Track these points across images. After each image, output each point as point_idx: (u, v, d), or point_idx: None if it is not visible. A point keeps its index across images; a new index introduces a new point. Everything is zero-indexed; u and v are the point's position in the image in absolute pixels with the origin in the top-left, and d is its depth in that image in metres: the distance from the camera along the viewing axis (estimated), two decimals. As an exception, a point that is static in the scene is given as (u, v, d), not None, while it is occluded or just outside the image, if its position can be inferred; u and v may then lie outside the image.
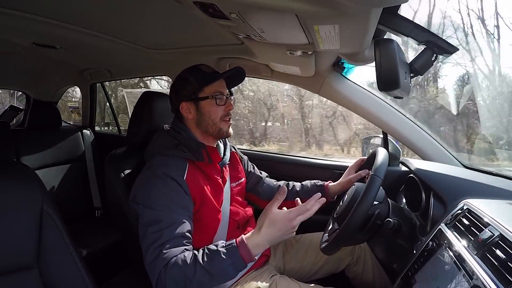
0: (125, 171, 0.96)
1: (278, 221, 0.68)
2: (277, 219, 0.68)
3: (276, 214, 0.69)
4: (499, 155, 1.73)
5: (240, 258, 0.65)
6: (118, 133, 2.31)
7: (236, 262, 0.65)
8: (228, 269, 0.65)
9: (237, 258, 0.65)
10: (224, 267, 0.65)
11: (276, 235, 0.68)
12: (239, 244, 0.67)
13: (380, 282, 0.99)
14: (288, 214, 0.68)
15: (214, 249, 0.67)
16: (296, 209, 0.69)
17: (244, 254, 0.66)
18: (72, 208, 1.70)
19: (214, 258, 0.66)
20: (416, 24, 0.65)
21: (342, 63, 1.11)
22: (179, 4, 0.71)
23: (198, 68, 0.88)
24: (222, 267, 0.65)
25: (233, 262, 0.65)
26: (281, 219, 0.68)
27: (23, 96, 2.22)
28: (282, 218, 0.68)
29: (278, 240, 0.69)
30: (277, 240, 0.69)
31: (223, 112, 0.86)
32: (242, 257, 0.65)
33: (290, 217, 0.68)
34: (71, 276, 0.71)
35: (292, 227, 0.68)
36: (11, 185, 0.68)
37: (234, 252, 0.66)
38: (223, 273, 0.65)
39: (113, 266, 1.32)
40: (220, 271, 0.65)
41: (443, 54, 0.69)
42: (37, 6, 0.80)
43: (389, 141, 1.17)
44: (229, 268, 0.65)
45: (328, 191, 1.05)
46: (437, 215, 0.79)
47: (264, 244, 0.68)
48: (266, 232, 0.68)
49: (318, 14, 0.56)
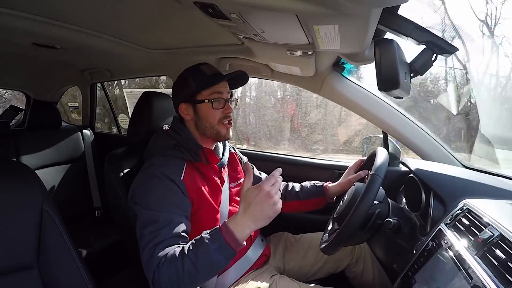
0: (125, 171, 0.96)
1: (252, 196, 0.65)
2: (250, 193, 0.65)
3: (249, 190, 0.66)
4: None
5: (224, 242, 0.63)
6: (118, 133, 2.31)
7: (221, 247, 0.63)
8: (214, 254, 0.63)
9: (222, 242, 0.63)
10: (210, 253, 0.63)
11: (257, 213, 0.64)
12: (221, 228, 0.65)
13: (380, 282, 0.99)
14: (259, 187, 0.65)
15: (199, 238, 0.66)
16: (264, 181, 0.66)
17: (227, 237, 0.63)
18: (72, 208, 1.70)
19: (199, 246, 0.64)
20: (416, 24, 0.65)
21: (342, 63, 1.11)
22: (179, 4, 0.71)
23: (198, 69, 0.87)
24: (207, 253, 0.63)
25: (217, 246, 0.63)
26: (255, 193, 0.65)
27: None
28: (254, 191, 0.65)
29: (262, 218, 0.65)
30: (261, 218, 0.65)
31: (221, 115, 0.85)
32: (226, 240, 0.63)
33: (262, 188, 0.64)
34: (71, 276, 0.71)
35: (269, 198, 0.64)
36: (11, 185, 0.68)
37: (218, 236, 0.64)
38: (211, 260, 0.63)
39: (113, 266, 1.32)
40: (206, 258, 0.63)
41: (443, 54, 0.69)
42: (37, 6, 0.80)
43: (389, 141, 1.17)
44: (215, 253, 0.63)
45: (328, 192, 1.05)
46: (437, 215, 0.79)
47: (248, 225, 0.64)
48: (245, 211, 0.65)
49: (318, 14, 0.56)
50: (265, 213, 0.65)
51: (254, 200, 0.65)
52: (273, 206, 0.64)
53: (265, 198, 0.64)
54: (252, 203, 0.65)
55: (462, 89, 2.92)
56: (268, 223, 0.66)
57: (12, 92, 4.50)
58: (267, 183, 0.65)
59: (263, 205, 0.64)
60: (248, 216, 0.65)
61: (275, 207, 0.65)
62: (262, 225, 0.66)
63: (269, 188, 0.65)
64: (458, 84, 2.93)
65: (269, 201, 0.64)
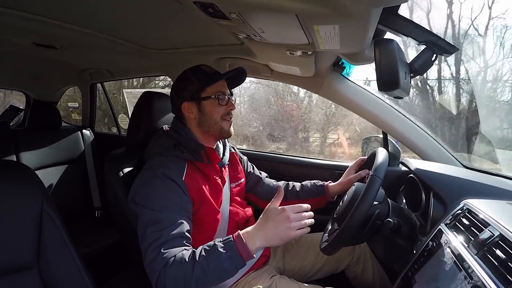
0: (125, 171, 0.96)
1: (272, 215, 0.69)
2: (272, 213, 0.70)
3: (271, 209, 0.71)
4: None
5: (237, 252, 0.65)
6: (118, 133, 2.31)
7: (233, 256, 0.65)
8: (225, 263, 0.64)
9: (234, 252, 0.65)
10: (221, 261, 0.64)
11: (271, 230, 0.68)
12: (235, 238, 0.67)
13: (380, 282, 0.99)
14: (282, 208, 0.69)
15: (212, 244, 0.68)
16: (291, 205, 0.70)
17: (240, 247, 0.65)
18: (72, 208, 1.70)
19: (211, 252, 0.66)
20: (416, 24, 0.65)
21: (342, 63, 1.11)
22: (179, 4, 0.71)
23: (199, 68, 0.88)
24: (219, 261, 0.64)
25: (230, 255, 0.65)
26: (275, 213, 0.69)
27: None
28: (276, 212, 0.69)
29: (274, 237, 0.68)
30: (274, 237, 0.68)
31: (224, 112, 0.87)
32: (238, 250, 0.65)
33: (285, 210, 0.68)
34: (71, 276, 0.71)
35: (288, 221, 0.67)
36: (11, 185, 0.68)
37: (231, 246, 0.66)
38: (221, 268, 0.65)
39: (113, 266, 1.32)
40: (217, 266, 0.64)
41: (443, 54, 0.69)
42: (37, 6, 0.80)
43: (389, 141, 1.17)
44: (226, 262, 0.64)
45: (328, 191, 1.05)
46: (437, 215, 0.79)
47: (260, 238, 0.67)
48: (261, 226, 0.69)
49: (318, 14, 0.56)
50: (278, 234, 0.68)
51: (273, 218, 0.68)
52: (287, 230, 0.67)
53: (284, 220, 0.68)
54: (270, 220, 0.69)
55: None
56: (278, 244, 0.70)
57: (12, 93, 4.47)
58: (292, 209, 0.69)
59: (279, 225, 0.67)
60: (262, 231, 0.68)
61: (289, 231, 0.67)
62: (272, 244, 0.69)
63: (291, 214, 0.68)
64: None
65: (286, 224, 0.67)
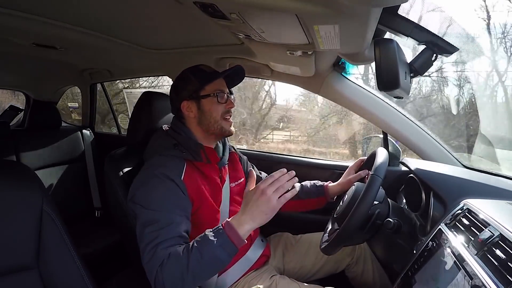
0: (125, 171, 0.96)
1: (249, 196, 0.70)
2: (249, 194, 0.71)
3: (247, 191, 0.73)
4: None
5: (228, 239, 0.66)
6: (118, 133, 2.31)
7: (224, 243, 0.66)
8: (217, 251, 0.65)
9: (225, 239, 0.66)
10: (213, 250, 0.65)
11: (254, 210, 0.68)
12: (224, 226, 0.68)
13: (380, 282, 0.99)
14: (256, 187, 0.70)
15: (202, 235, 0.69)
16: (262, 181, 0.71)
17: (230, 234, 0.66)
18: (72, 208, 1.70)
19: (203, 243, 0.67)
20: (416, 24, 0.65)
21: (342, 63, 1.11)
22: (179, 4, 0.71)
23: (198, 68, 0.88)
24: (212, 250, 0.65)
25: (221, 243, 0.66)
26: (251, 193, 0.70)
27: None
28: (251, 192, 0.70)
29: (260, 214, 0.68)
30: (259, 214, 0.68)
31: (223, 110, 0.87)
32: (229, 237, 0.66)
33: (258, 187, 0.69)
34: (71, 276, 0.71)
35: (263, 195, 0.68)
36: (11, 185, 0.68)
37: (221, 233, 0.67)
38: (214, 256, 0.65)
39: (113, 266, 1.33)
40: (211, 255, 0.65)
41: (443, 54, 0.69)
42: (37, 6, 0.80)
43: (389, 141, 1.17)
44: (218, 250, 0.65)
45: (328, 192, 1.05)
46: (437, 215, 0.79)
47: (247, 222, 0.68)
48: (244, 210, 0.70)
49: (318, 14, 0.56)
50: (261, 210, 0.68)
51: (251, 199, 0.69)
52: (267, 203, 0.68)
53: (260, 196, 0.68)
54: (249, 201, 0.69)
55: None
56: (267, 220, 0.70)
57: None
58: (264, 183, 0.70)
59: (258, 202, 0.68)
60: (246, 213, 0.69)
61: (269, 203, 0.68)
62: (260, 222, 0.69)
63: (265, 187, 0.69)
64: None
65: (263, 198, 0.68)
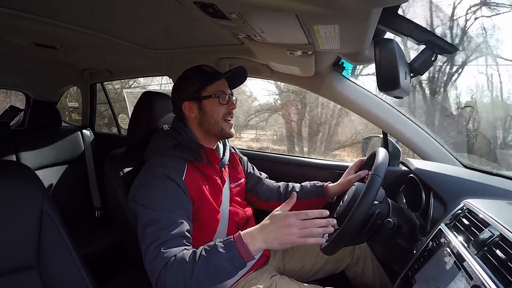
0: (125, 171, 0.96)
1: (276, 218, 0.68)
2: (276, 215, 0.69)
3: (277, 212, 0.70)
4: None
5: (238, 253, 0.64)
6: (118, 133, 2.31)
7: (233, 257, 0.64)
8: (225, 263, 0.64)
9: (235, 253, 0.64)
10: (221, 261, 0.64)
11: (271, 233, 0.66)
12: (236, 239, 0.67)
13: (380, 282, 0.99)
14: (286, 213, 0.68)
15: (212, 244, 0.67)
16: (296, 212, 0.68)
17: (241, 248, 0.65)
18: (72, 208, 1.70)
19: (212, 253, 0.65)
20: (416, 24, 0.65)
21: (342, 63, 1.11)
22: (179, 4, 0.71)
23: (200, 68, 0.88)
24: (219, 261, 0.64)
25: (230, 256, 0.64)
26: (279, 217, 0.68)
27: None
28: (280, 215, 0.68)
29: (274, 240, 0.66)
30: (273, 240, 0.66)
31: (225, 111, 0.86)
32: (239, 251, 0.64)
33: (288, 215, 0.67)
34: (71, 276, 0.71)
35: (288, 228, 0.65)
36: (11, 185, 0.68)
37: (231, 246, 0.65)
38: (221, 268, 0.64)
39: (113, 266, 1.32)
40: (217, 266, 0.64)
41: (443, 54, 0.69)
42: (37, 6, 0.80)
43: (389, 141, 1.17)
44: (226, 262, 0.64)
45: (327, 192, 1.05)
46: (437, 215, 0.79)
47: (260, 240, 0.66)
48: (263, 228, 0.68)
49: (318, 14, 0.56)
50: (277, 238, 0.66)
51: (275, 222, 0.67)
52: (287, 236, 0.66)
53: (284, 225, 0.66)
54: (272, 223, 0.68)
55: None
56: (278, 249, 0.69)
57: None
58: (296, 216, 0.67)
59: (279, 229, 0.66)
60: (262, 233, 0.67)
61: (288, 237, 0.66)
62: (272, 247, 0.68)
63: (294, 220, 0.66)
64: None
65: (285, 229, 0.66)
